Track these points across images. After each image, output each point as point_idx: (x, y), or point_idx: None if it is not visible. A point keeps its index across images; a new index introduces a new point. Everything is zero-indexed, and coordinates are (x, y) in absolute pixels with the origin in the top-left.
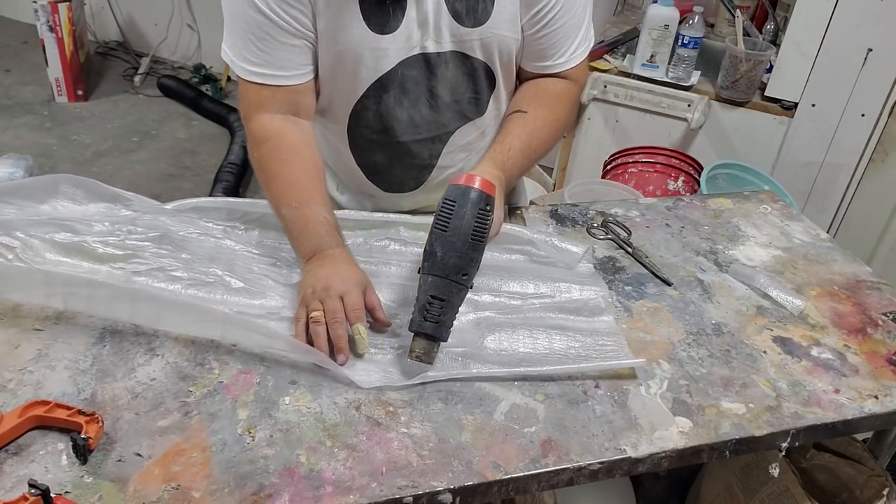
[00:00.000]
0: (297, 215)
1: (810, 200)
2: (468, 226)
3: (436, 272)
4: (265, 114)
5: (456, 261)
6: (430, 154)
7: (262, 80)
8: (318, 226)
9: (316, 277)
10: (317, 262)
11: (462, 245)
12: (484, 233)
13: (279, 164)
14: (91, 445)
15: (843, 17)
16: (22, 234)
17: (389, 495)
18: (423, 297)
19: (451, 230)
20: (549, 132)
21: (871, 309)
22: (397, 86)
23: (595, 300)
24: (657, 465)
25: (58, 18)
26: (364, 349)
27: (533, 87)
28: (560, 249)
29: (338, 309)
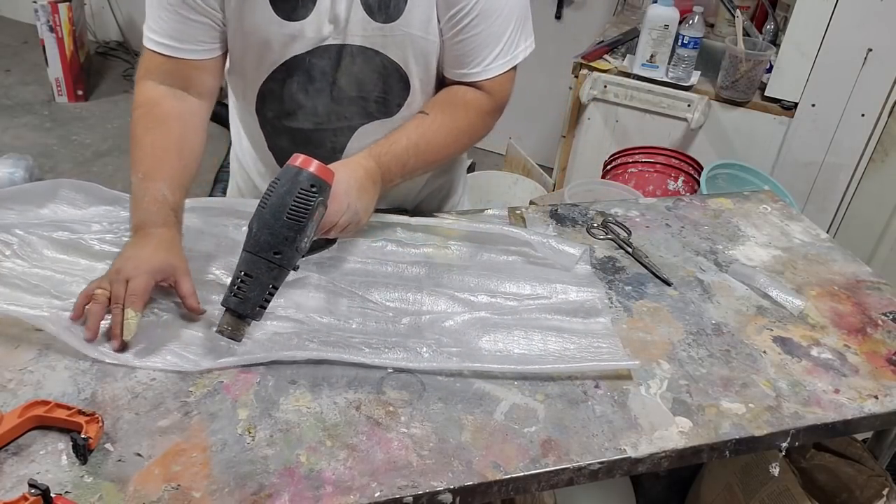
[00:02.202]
0: (140, 186)
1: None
2: (284, 204)
3: (248, 248)
4: (150, 81)
5: (268, 238)
6: (333, 147)
7: (157, 48)
8: (153, 202)
9: (121, 256)
10: (134, 240)
11: (275, 222)
12: (303, 213)
13: (143, 131)
14: (91, 445)
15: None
16: (21, 232)
17: (389, 495)
18: (235, 272)
19: (268, 207)
20: (444, 137)
21: (871, 309)
22: (303, 72)
23: (591, 301)
24: (657, 465)
25: (58, 18)
26: (128, 335)
27: (444, 92)
28: (557, 251)
29: (120, 295)
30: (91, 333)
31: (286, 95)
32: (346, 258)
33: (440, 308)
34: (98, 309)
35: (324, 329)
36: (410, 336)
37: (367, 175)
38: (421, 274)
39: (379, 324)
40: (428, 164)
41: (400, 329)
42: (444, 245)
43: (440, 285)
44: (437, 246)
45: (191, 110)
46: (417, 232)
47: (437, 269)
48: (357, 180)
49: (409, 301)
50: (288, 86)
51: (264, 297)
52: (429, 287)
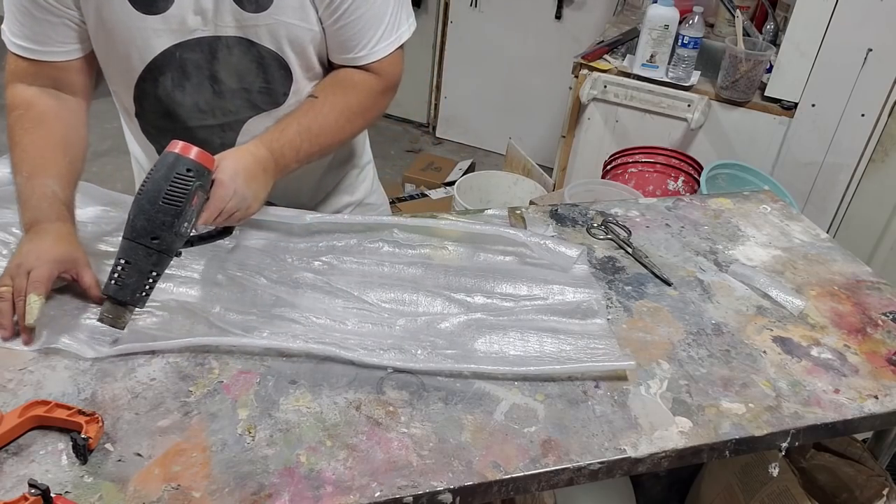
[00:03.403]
0: (26, 185)
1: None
2: (160, 189)
3: (126, 235)
4: (20, 84)
5: (144, 223)
6: (222, 143)
7: (22, 52)
8: (42, 199)
9: (19, 253)
10: (29, 236)
11: (150, 207)
12: (179, 198)
13: (21, 132)
14: (91, 445)
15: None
16: (18, 231)
17: (389, 495)
18: (115, 259)
19: (144, 193)
20: (336, 118)
21: (871, 309)
22: (176, 69)
23: (588, 302)
24: (657, 464)
25: None
26: (31, 319)
27: (332, 76)
28: (554, 252)
29: (23, 286)
30: (6, 332)
31: (162, 94)
32: (343, 259)
33: (436, 309)
34: (6, 306)
35: (319, 330)
36: (406, 338)
37: (255, 161)
38: (417, 275)
39: (375, 325)
40: (323, 148)
41: (395, 331)
42: (441, 246)
43: (436, 286)
44: (434, 247)
45: (69, 108)
46: (414, 233)
47: (434, 269)
48: (245, 167)
49: (405, 302)
50: (162, 84)
51: (145, 283)
52: (425, 288)
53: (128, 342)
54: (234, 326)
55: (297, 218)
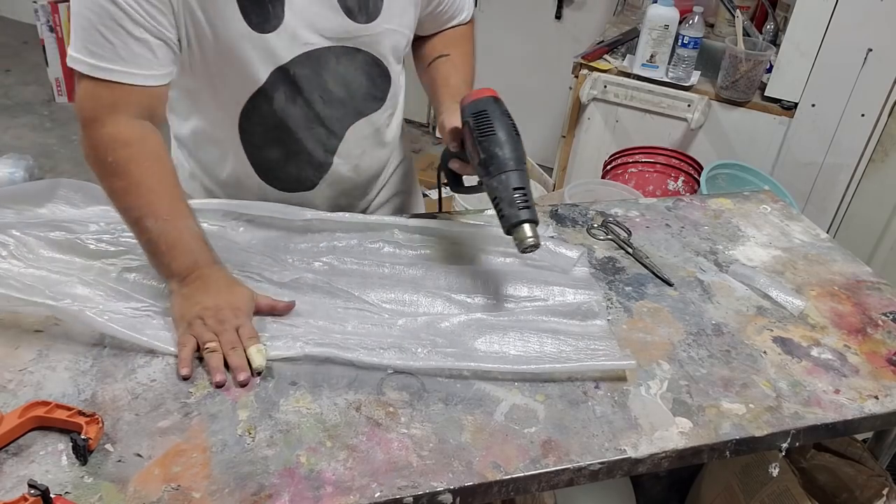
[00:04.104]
0: (168, 228)
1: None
2: (510, 121)
3: (506, 168)
4: (122, 115)
5: (515, 153)
6: (326, 150)
7: (114, 77)
8: (192, 242)
9: (203, 307)
10: (197, 286)
11: (513, 138)
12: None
13: (142, 171)
14: (91, 446)
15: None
16: (17, 233)
17: (389, 495)
18: (505, 194)
19: (500, 129)
20: (470, 65)
21: (871, 309)
22: (289, 84)
23: (589, 304)
24: (657, 465)
25: (58, 18)
26: (259, 363)
27: (440, 36)
28: (555, 254)
29: (234, 340)
30: (223, 377)
31: (276, 107)
32: (343, 259)
33: (436, 310)
34: (218, 360)
35: (319, 331)
36: (406, 337)
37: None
38: (418, 276)
39: (375, 326)
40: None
41: (395, 331)
42: (441, 247)
43: (437, 287)
44: (434, 248)
45: (163, 141)
46: (415, 234)
47: (434, 270)
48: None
49: (405, 303)
50: (276, 99)
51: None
52: (425, 289)
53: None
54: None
55: (298, 213)
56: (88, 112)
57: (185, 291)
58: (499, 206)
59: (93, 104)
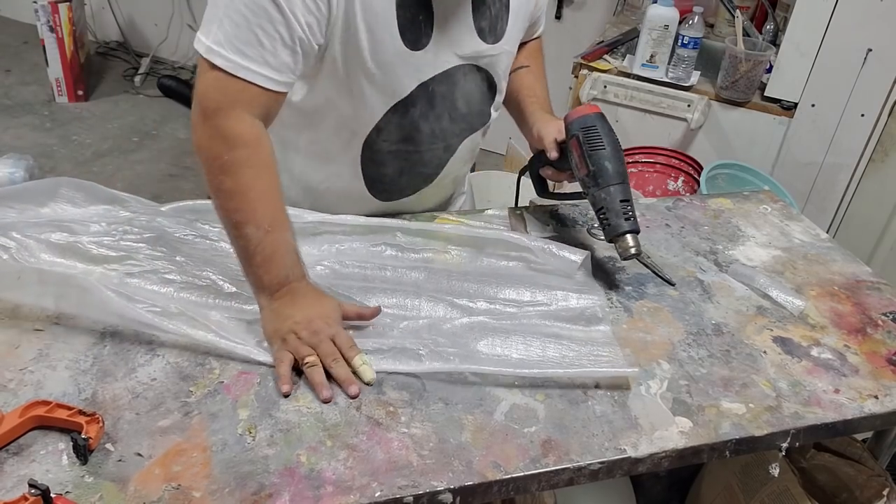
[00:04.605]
0: (267, 239)
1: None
2: (615, 137)
3: (613, 181)
4: (245, 113)
5: (620, 167)
6: (438, 164)
7: (253, 78)
8: (286, 255)
9: (295, 321)
10: (286, 301)
11: (619, 152)
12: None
13: (253, 175)
14: (91, 445)
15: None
16: (18, 235)
17: (389, 495)
18: (612, 205)
19: (608, 145)
20: (545, 75)
21: (871, 309)
22: (425, 100)
23: (592, 309)
24: (657, 465)
25: (58, 18)
26: (371, 375)
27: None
28: (558, 257)
29: (333, 351)
30: (330, 393)
31: (407, 123)
32: (345, 263)
33: (438, 314)
34: (321, 374)
35: None
36: (407, 338)
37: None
38: (420, 279)
39: (376, 329)
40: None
41: (396, 333)
42: (443, 250)
43: (439, 291)
44: (436, 251)
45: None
46: (417, 237)
47: (436, 274)
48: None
49: (406, 307)
50: (411, 114)
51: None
52: (427, 293)
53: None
54: (233, 334)
55: (300, 216)
56: (213, 103)
57: (275, 306)
58: (605, 216)
59: (219, 96)
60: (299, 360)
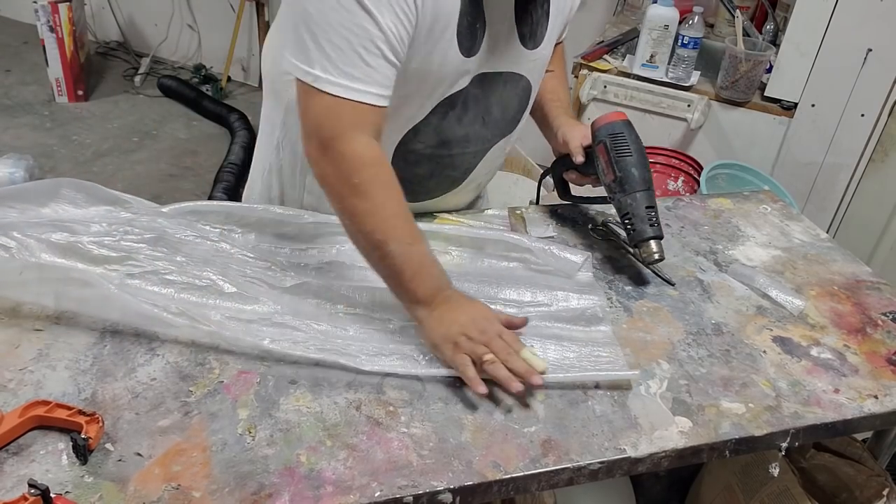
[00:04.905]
0: (411, 253)
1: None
2: (641, 145)
3: (639, 188)
4: (361, 134)
5: (646, 174)
6: (467, 168)
7: (367, 99)
8: (432, 266)
9: (461, 324)
10: (446, 308)
11: (644, 159)
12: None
13: (384, 193)
14: (91, 445)
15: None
16: (18, 235)
17: (389, 495)
18: (638, 211)
19: (635, 152)
20: (566, 78)
21: (871, 309)
22: (461, 104)
23: (593, 309)
24: (657, 464)
25: (58, 18)
26: (544, 365)
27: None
28: (559, 258)
29: (506, 347)
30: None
31: (444, 126)
32: (345, 264)
33: None
34: (504, 370)
35: (320, 336)
36: (407, 343)
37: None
38: None
39: (377, 331)
40: None
41: (397, 337)
42: (444, 250)
43: None
44: (437, 251)
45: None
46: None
47: None
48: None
49: None
50: (448, 117)
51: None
52: None
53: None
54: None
55: (300, 217)
56: (329, 131)
57: (437, 314)
58: (630, 221)
59: (334, 122)
60: (477, 360)
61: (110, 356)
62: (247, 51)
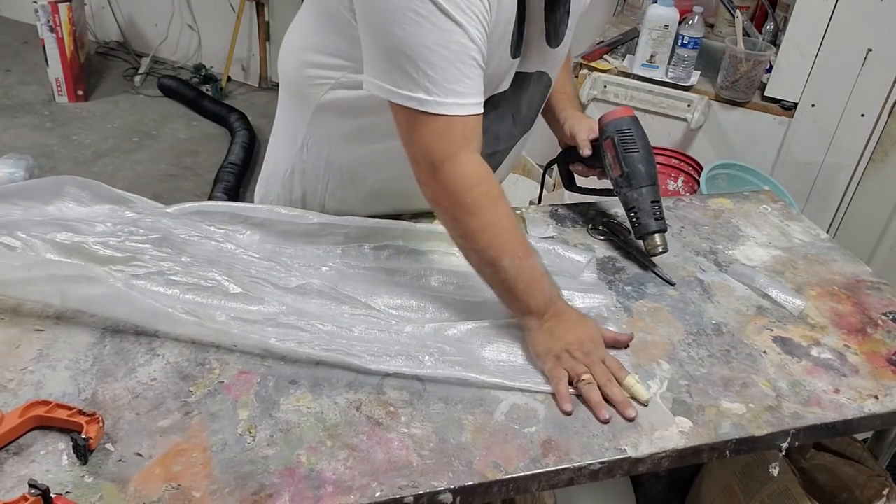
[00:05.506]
0: (524, 267)
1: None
2: (648, 141)
3: (645, 183)
4: (471, 152)
5: (652, 169)
6: (495, 165)
7: (469, 111)
8: (543, 278)
9: (567, 341)
10: (555, 322)
11: (650, 155)
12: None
13: (495, 209)
14: (91, 445)
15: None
16: (23, 234)
17: (390, 495)
18: (644, 205)
19: (642, 148)
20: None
21: (871, 309)
22: (501, 104)
23: (597, 309)
24: (657, 464)
25: (58, 18)
26: (647, 395)
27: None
28: (564, 258)
29: (607, 372)
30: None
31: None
32: (350, 264)
33: (444, 316)
34: (598, 394)
35: (326, 337)
36: (413, 344)
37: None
38: (425, 280)
39: (382, 332)
40: None
41: (402, 338)
42: (448, 251)
43: (445, 292)
44: (441, 252)
45: None
46: (422, 237)
47: (442, 275)
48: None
49: (412, 308)
50: (489, 117)
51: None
52: (433, 294)
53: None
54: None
55: (305, 217)
56: (440, 153)
57: (546, 327)
58: (636, 214)
59: (445, 144)
60: (574, 378)
61: (110, 356)
62: (247, 51)
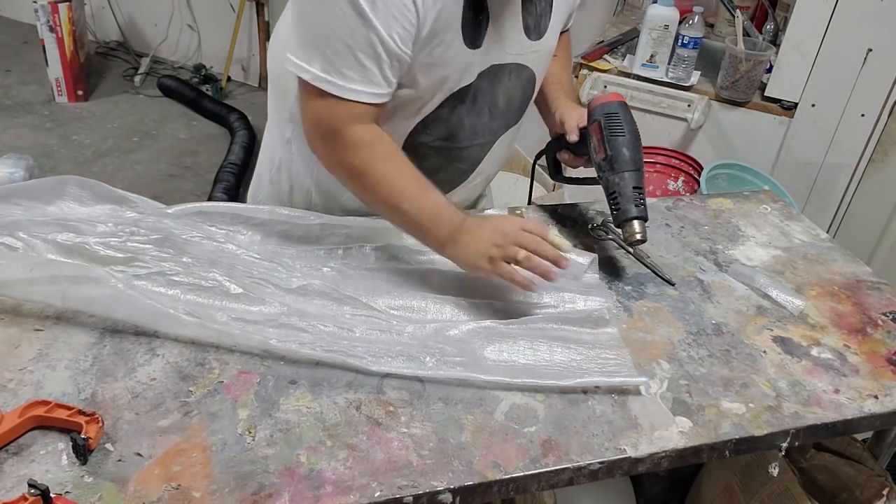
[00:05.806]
0: (424, 204)
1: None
2: (635, 126)
3: (628, 168)
4: (358, 125)
5: (637, 156)
6: (475, 161)
7: (362, 98)
8: (446, 207)
9: (485, 238)
10: (467, 234)
11: (637, 141)
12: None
13: (384, 164)
14: (91, 445)
15: (843, 17)
16: (24, 235)
17: (389, 495)
18: (625, 190)
19: (629, 132)
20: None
21: (871, 309)
22: (471, 96)
23: (599, 311)
24: (657, 464)
25: (58, 18)
26: (568, 244)
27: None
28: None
29: (533, 238)
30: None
31: (453, 119)
32: (351, 265)
33: (445, 316)
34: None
35: (327, 338)
36: (414, 345)
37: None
38: (426, 281)
39: (383, 332)
40: None
41: (403, 339)
42: None
43: (445, 293)
44: None
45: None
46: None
47: (443, 276)
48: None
49: (413, 309)
50: (457, 111)
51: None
52: (434, 295)
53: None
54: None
55: (306, 218)
56: (327, 125)
57: (464, 242)
58: (616, 200)
59: (332, 118)
60: (513, 261)
61: (110, 356)
62: (247, 51)
